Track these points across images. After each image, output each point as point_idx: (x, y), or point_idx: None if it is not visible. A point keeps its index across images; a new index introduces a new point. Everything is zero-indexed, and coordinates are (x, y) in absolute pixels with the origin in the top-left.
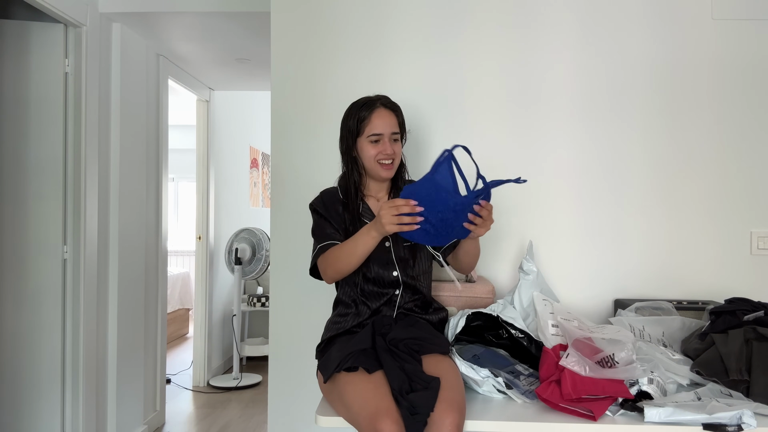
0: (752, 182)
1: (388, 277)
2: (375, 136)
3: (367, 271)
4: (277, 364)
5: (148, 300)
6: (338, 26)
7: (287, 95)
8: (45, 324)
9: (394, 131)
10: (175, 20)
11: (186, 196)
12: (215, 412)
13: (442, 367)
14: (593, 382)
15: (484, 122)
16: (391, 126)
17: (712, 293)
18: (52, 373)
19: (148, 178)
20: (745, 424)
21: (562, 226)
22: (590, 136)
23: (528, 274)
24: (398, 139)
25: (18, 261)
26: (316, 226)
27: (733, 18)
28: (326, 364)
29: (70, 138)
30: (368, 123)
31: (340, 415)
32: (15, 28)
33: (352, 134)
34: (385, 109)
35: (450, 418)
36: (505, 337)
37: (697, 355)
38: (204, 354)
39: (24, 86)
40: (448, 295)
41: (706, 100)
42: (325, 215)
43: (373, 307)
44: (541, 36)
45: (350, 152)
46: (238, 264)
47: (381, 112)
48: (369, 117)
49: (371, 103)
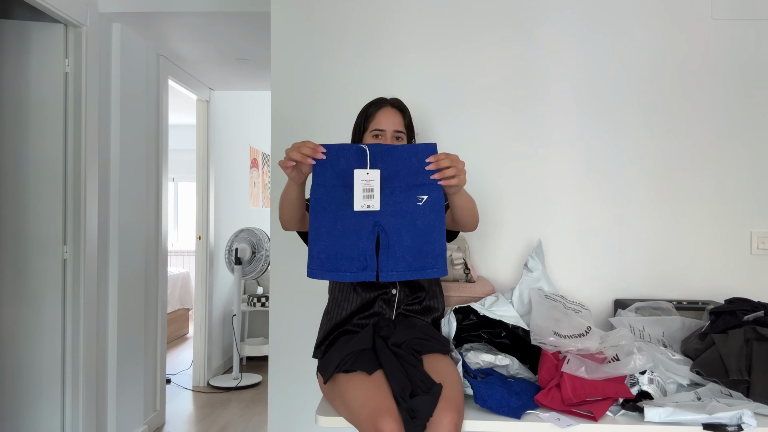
0: (752, 182)
1: None
2: (377, 131)
3: None
4: (277, 364)
5: (148, 300)
6: (338, 26)
7: (287, 95)
8: (45, 324)
9: (398, 129)
10: (175, 20)
11: (186, 196)
12: (215, 412)
13: (441, 366)
14: (593, 385)
15: (485, 122)
16: (395, 124)
17: (712, 293)
18: (52, 373)
19: (148, 178)
20: (745, 424)
21: (561, 225)
22: (590, 136)
23: (531, 271)
24: (402, 138)
25: (18, 261)
26: None
27: (733, 18)
28: (326, 364)
29: (70, 138)
30: (373, 119)
31: (341, 414)
32: (15, 28)
33: (360, 129)
34: (391, 108)
35: (448, 417)
36: (503, 335)
37: (697, 355)
38: (204, 354)
39: (24, 86)
40: (449, 295)
41: (706, 99)
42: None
43: (366, 297)
44: (543, 36)
45: None
46: (238, 264)
47: (387, 110)
48: (375, 114)
49: (380, 101)
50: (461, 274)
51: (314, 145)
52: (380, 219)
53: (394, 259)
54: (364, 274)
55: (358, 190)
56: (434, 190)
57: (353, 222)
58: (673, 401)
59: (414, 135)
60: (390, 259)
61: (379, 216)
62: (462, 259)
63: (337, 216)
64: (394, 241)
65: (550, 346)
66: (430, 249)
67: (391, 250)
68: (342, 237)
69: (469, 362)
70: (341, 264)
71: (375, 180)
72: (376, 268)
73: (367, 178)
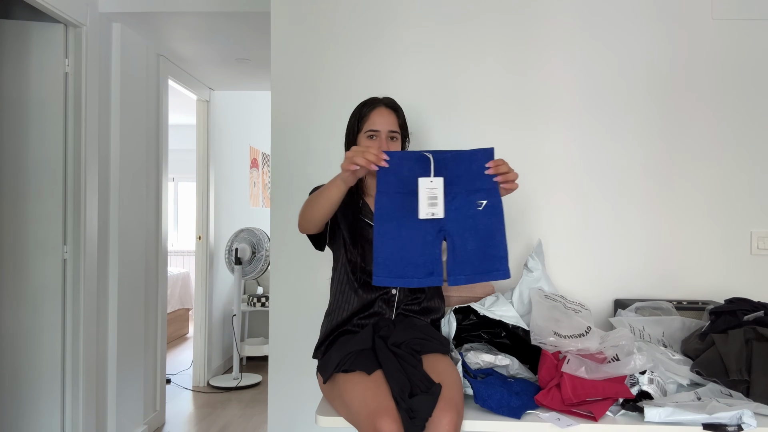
0: (752, 182)
1: None
2: (372, 132)
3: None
4: (277, 364)
5: (148, 300)
6: (338, 26)
7: (287, 95)
8: (45, 324)
9: (392, 130)
10: (175, 20)
11: (186, 196)
12: (215, 412)
13: (441, 366)
14: (593, 385)
15: (484, 122)
16: (389, 124)
17: (712, 293)
18: (52, 373)
19: (148, 178)
20: (745, 424)
21: (561, 226)
22: (590, 136)
23: (531, 271)
24: (396, 138)
25: (18, 261)
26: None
27: (733, 18)
28: (326, 364)
29: (70, 138)
30: (367, 119)
31: (340, 414)
32: (15, 28)
33: (353, 130)
34: (385, 108)
35: (448, 417)
36: (503, 335)
37: (697, 355)
38: (204, 354)
39: (24, 86)
40: (448, 295)
41: (706, 99)
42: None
43: (366, 298)
44: (542, 37)
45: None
46: (238, 264)
47: (381, 110)
48: (369, 114)
49: (373, 102)
50: None
51: (378, 152)
52: (444, 225)
53: (460, 263)
54: (431, 280)
55: (423, 199)
56: (492, 195)
57: (418, 228)
58: (673, 401)
59: (408, 134)
60: (457, 263)
61: (443, 222)
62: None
63: (401, 223)
64: (459, 246)
65: (550, 346)
66: (494, 252)
67: (457, 254)
68: (407, 244)
69: (469, 362)
70: (408, 270)
71: (438, 188)
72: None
73: (431, 186)
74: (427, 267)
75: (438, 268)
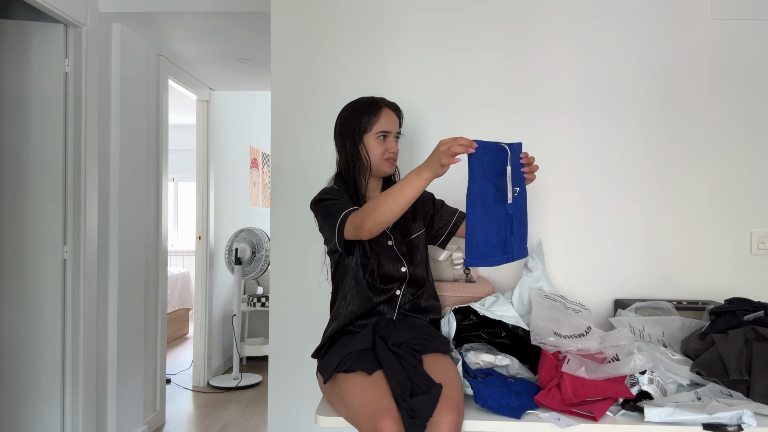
0: (752, 182)
1: (397, 272)
2: (383, 133)
3: (378, 267)
4: (277, 364)
5: (148, 300)
6: (338, 26)
7: (287, 95)
8: (45, 324)
9: (398, 130)
10: (175, 20)
11: (186, 196)
12: (215, 412)
13: (441, 366)
14: (593, 385)
15: (484, 122)
16: (396, 125)
17: (712, 293)
18: (52, 373)
19: (148, 178)
20: (745, 424)
21: (562, 225)
22: (590, 136)
23: (531, 271)
24: (398, 137)
25: (18, 261)
26: (333, 204)
27: (733, 18)
28: (326, 364)
29: (70, 138)
30: (377, 121)
31: (341, 414)
32: (15, 28)
33: (359, 132)
34: (389, 109)
35: (448, 417)
36: (503, 335)
37: (697, 355)
38: (204, 354)
39: (24, 86)
40: (449, 295)
41: (707, 100)
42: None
43: (375, 301)
44: (541, 36)
45: (355, 150)
46: (238, 264)
47: (388, 111)
48: (378, 115)
49: (378, 103)
50: (461, 274)
51: (468, 140)
52: (508, 209)
53: (519, 242)
54: (505, 257)
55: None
56: (523, 183)
57: (496, 213)
58: (673, 401)
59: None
60: (516, 242)
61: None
62: (462, 259)
63: (484, 208)
64: (516, 228)
65: (550, 346)
66: (526, 233)
67: (515, 235)
68: (491, 226)
69: (469, 362)
70: (491, 251)
71: (510, 176)
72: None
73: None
74: (502, 247)
75: (509, 248)
